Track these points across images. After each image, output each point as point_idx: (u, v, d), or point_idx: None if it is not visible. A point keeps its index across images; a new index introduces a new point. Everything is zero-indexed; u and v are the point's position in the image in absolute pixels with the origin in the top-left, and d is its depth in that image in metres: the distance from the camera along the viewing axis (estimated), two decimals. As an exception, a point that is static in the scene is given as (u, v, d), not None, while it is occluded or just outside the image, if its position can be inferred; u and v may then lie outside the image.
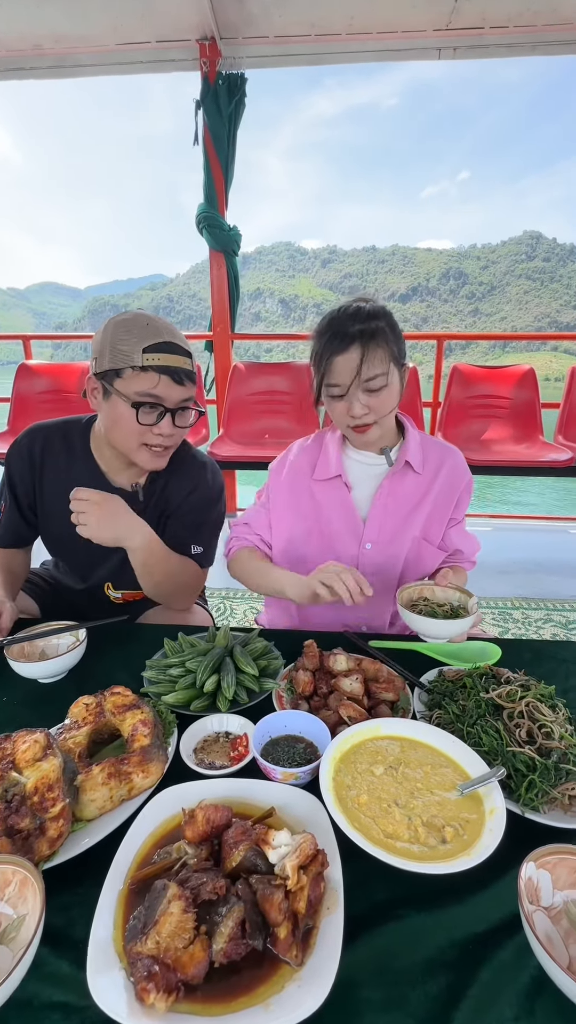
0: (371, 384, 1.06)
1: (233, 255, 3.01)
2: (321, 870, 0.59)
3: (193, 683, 0.93)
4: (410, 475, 1.20)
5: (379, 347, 1.05)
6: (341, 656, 0.93)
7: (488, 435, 3.04)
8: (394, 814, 0.65)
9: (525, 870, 0.57)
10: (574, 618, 2.37)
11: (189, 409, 1.16)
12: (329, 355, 1.07)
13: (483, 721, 0.79)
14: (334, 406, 1.12)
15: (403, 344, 1.11)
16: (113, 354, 1.07)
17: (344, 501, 1.22)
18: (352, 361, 1.05)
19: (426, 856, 0.60)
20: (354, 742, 0.77)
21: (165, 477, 1.28)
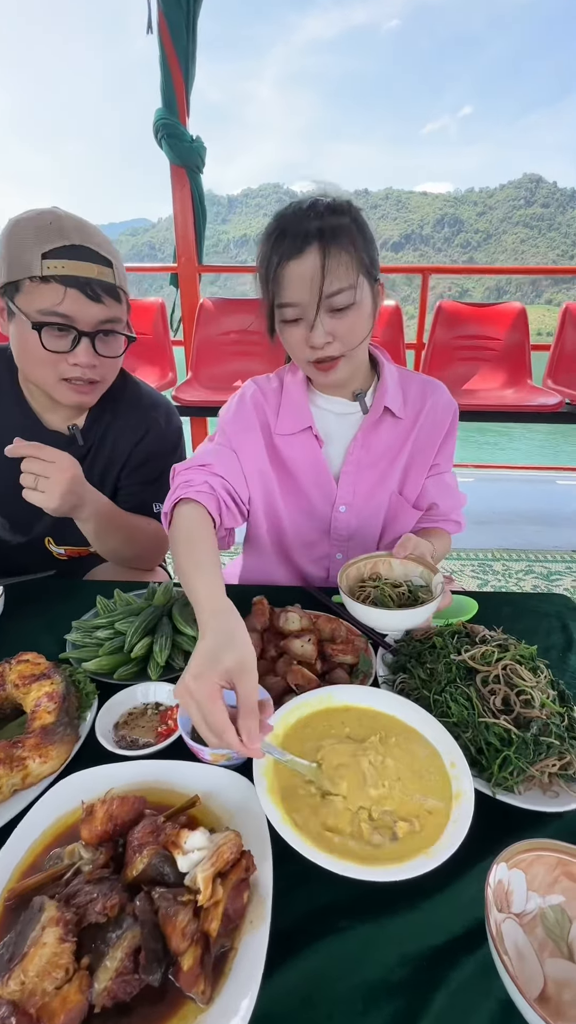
0: (335, 301, 0.83)
1: (197, 172, 2.67)
2: (245, 876, 0.48)
3: (121, 647, 0.79)
4: (388, 421, 1.01)
5: (343, 251, 0.82)
6: (293, 613, 0.80)
7: (475, 379, 2.87)
8: (335, 803, 0.54)
9: (494, 873, 0.46)
10: (556, 569, 2.30)
11: (114, 334, 0.96)
12: (279, 263, 0.83)
13: (453, 687, 0.67)
14: (290, 334, 0.89)
15: (375, 252, 0.89)
16: (11, 262, 0.86)
17: (314, 459, 1.02)
18: (309, 269, 0.81)
19: (370, 857, 0.49)
20: (300, 715, 0.65)
21: (108, 418, 1.09)
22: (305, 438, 1.01)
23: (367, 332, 0.89)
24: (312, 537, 1.08)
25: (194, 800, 0.56)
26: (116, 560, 1.15)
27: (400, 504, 1.05)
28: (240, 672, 0.55)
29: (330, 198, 0.85)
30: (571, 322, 2.93)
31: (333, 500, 1.03)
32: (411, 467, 1.04)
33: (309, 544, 1.09)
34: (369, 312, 0.89)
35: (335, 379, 0.92)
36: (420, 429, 1.02)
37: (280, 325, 0.90)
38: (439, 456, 1.06)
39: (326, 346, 0.86)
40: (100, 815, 0.51)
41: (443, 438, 1.05)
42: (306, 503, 1.05)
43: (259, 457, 1.02)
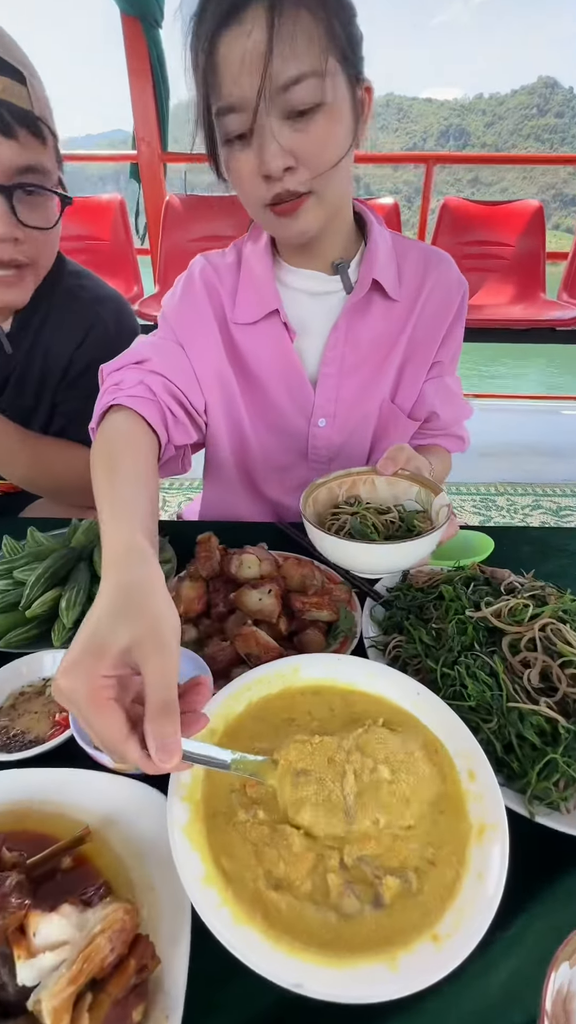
0: (294, 96, 0.55)
1: (155, 25, 2.16)
2: (139, 983, 0.29)
3: (17, 602, 0.59)
4: (378, 304, 0.76)
5: (303, 14, 0.53)
6: (250, 555, 0.59)
7: (480, 293, 2.53)
8: (292, 842, 0.34)
9: (555, 978, 0.27)
10: (566, 504, 2.10)
11: (40, 191, 0.68)
12: (210, 35, 0.55)
13: (470, 656, 0.47)
14: (236, 164, 0.61)
15: (355, 27, 0.60)
16: None
17: (284, 356, 0.77)
18: (252, 43, 0.53)
19: (337, 939, 0.30)
20: (252, 698, 0.45)
21: (42, 315, 0.83)
22: (271, 328, 0.76)
23: (343, 152, 0.61)
24: (285, 460, 0.85)
25: (83, 835, 0.37)
26: (42, 494, 0.94)
27: (393, 414, 0.82)
28: (143, 651, 0.33)
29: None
30: (593, 225, 2.56)
31: (310, 411, 0.80)
32: (408, 365, 0.80)
33: (281, 469, 0.86)
34: (347, 122, 0.61)
35: (303, 225, 0.64)
36: (420, 314, 0.77)
37: (224, 152, 0.62)
38: (443, 351, 0.81)
39: (285, 174, 0.59)
40: None
41: (449, 327, 0.79)
42: (275, 415, 0.81)
43: (215, 354, 0.77)
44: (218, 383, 0.78)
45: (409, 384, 0.81)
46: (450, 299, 0.78)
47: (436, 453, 0.88)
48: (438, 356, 0.81)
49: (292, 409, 0.80)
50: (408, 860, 0.34)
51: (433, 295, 0.77)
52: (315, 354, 0.78)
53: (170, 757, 0.32)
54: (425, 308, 0.77)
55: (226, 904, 0.31)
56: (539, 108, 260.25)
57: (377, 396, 0.80)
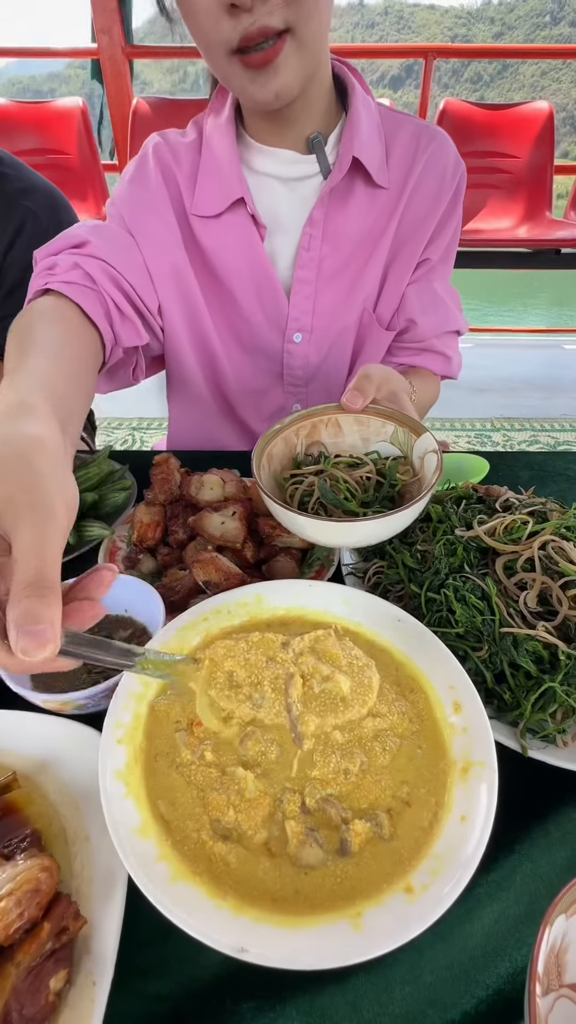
0: None
1: None
2: (58, 946, 0.25)
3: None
4: (362, 189, 0.64)
5: None
6: (213, 477, 0.52)
7: (482, 213, 2.33)
8: (246, 785, 0.29)
9: (549, 934, 0.23)
10: (565, 439, 2.02)
11: None
12: None
13: (458, 578, 0.41)
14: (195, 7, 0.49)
15: None
16: None
17: (252, 254, 0.66)
18: None
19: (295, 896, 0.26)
20: (210, 629, 0.39)
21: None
22: (236, 222, 0.64)
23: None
24: (259, 382, 0.76)
25: (8, 781, 0.32)
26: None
27: (370, 326, 0.71)
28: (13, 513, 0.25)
29: None
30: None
31: (283, 324, 0.70)
32: (393, 264, 0.68)
33: (256, 393, 0.77)
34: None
35: (282, 82, 0.52)
36: (409, 202, 0.66)
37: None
38: (432, 247, 0.69)
39: (255, 2, 0.47)
40: None
41: (441, 217, 0.67)
42: (246, 329, 0.71)
43: (171, 246, 0.65)
44: (175, 282, 0.67)
45: (393, 288, 0.70)
46: (444, 183, 0.66)
47: (419, 374, 0.75)
48: (426, 253, 0.69)
49: (264, 322, 0.70)
50: (380, 801, 0.29)
51: (424, 179, 0.65)
52: (289, 255, 0.67)
53: (38, 647, 0.23)
54: (415, 194, 0.66)
55: (164, 859, 0.27)
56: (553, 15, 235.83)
57: (359, 305, 0.70)
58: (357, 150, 0.61)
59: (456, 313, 0.75)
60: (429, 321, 0.72)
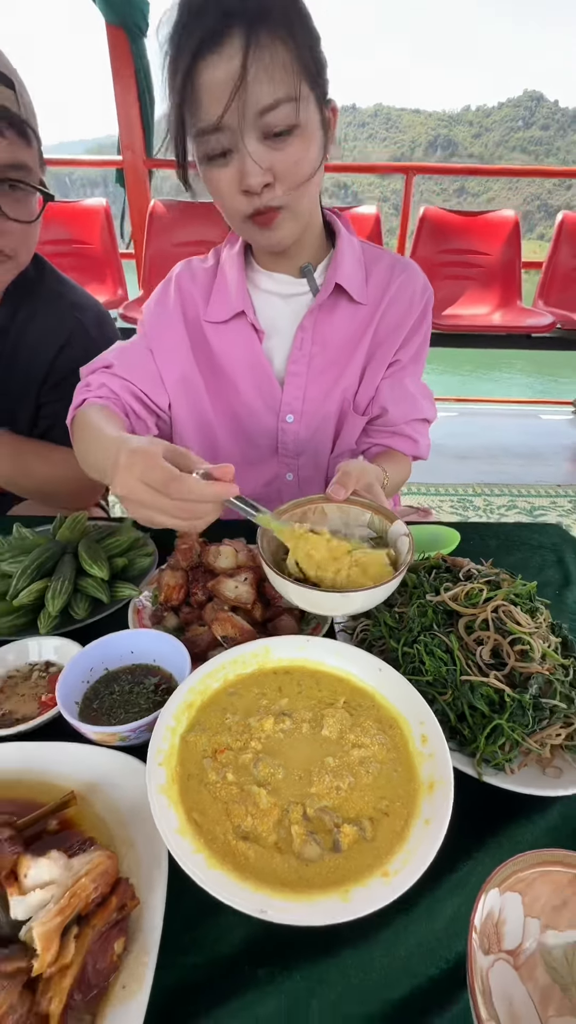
0: (271, 120, 0.60)
1: (139, 34, 2.20)
2: (120, 919, 0.33)
3: (4, 594, 0.61)
4: (344, 306, 0.80)
5: (278, 42, 0.57)
6: (227, 547, 0.62)
7: (461, 300, 2.60)
8: (260, 799, 0.38)
9: (483, 904, 0.31)
10: (540, 504, 2.17)
11: (23, 187, 0.72)
12: (190, 61, 0.58)
13: (428, 636, 0.51)
14: (215, 178, 0.65)
15: (321, 52, 0.64)
16: None
17: (252, 353, 0.81)
18: (231, 69, 0.57)
19: (300, 879, 0.34)
20: (227, 676, 0.49)
21: (23, 319, 0.87)
22: (240, 328, 0.81)
23: (316, 168, 0.66)
24: (257, 455, 0.89)
25: (68, 798, 0.41)
26: (25, 495, 0.96)
27: (349, 414, 0.85)
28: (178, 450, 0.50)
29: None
30: (567, 237, 2.65)
31: (277, 408, 0.84)
32: (369, 365, 0.84)
33: (254, 463, 0.90)
34: (318, 140, 0.65)
35: (280, 237, 0.69)
36: (383, 316, 0.81)
37: (203, 168, 0.66)
38: (403, 351, 0.84)
39: (264, 190, 0.64)
40: None
41: (411, 328, 0.83)
42: (246, 412, 0.85)
43: (181, 354, 0.82)
44: (183, 383, 0.83)
45: (369, 382, 0.84)
46: (413, 302, 0.82)
47: (392, 458, 0.87)
48: (397, 355, 0.84)
49: (261, 406, 0.84)
50: (364, 811, 0.38)
51: (397, 298, 0.81)
52: (283, 353, 0.83)
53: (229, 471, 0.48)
54: (389, 310, 0.81)
55: (199, 852, 0.35)
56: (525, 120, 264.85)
57: (340, 394, 0.84)
58: (340, 278, 0.78)
59: (424, 404, 0.89)
60: (399, 410, 0.86)
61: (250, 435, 0.87)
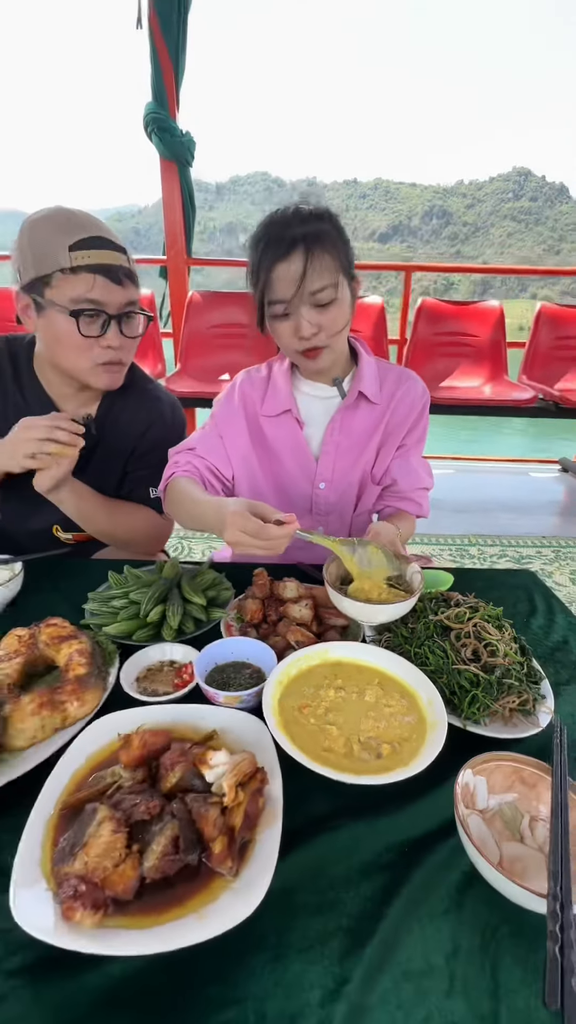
0: (319, 297, 0.94)
1: (187, 165, 2.71)
2: (260, 787, 0.58)
3: (137, 614, 0.89)
4: (364, 406, 1.12)
5: (325, 253, 0.92)
6: (291, 583, 0.90)
7: (454, 374, 2.99)
8: (332, 732, 0.64)
9: (462, 777, 0.57)
10: (527, 553, 2.45)
11: (135, 315, 1.05)
12: (268, 265, 0.94)
13: (431, 642, 0.78)
14: (279, 327, 1.00)
15: (352, 252, 1.00)
16: (37, 259, 0.94)
17: (295, 438, 1.13)
18: (295, 270, 0.91)
19: (360, 770, 0.60)
20: (301, 667, 0.75)
21: (118, 409, 1.18)
22: (287, 420, 1.13)
23: (347, 322, 1.01)
24: (296, 513, 1.19)
25: (212, 734, 0.66)
26: (113, 543, 1.23)
27: (367, 483, 1.17)
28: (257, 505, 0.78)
29: (311, 205, 0.96)
30: (545, 322, 3.07)
31: (313, 477, 1.15)
32: (382, 447, 1.15)
33: None
34: (348, 305, 1.01)
35: (320, 365, 1.04)
36: (393, 413, 1.14)
37: (271, 320, 1.01)
38: (407, 438, 1.16)
39: (312, 336, 0.97)
40: (136, 742, 0.60)
41: (413, 422, 1.15)
42: (288, 480, 1.17)
43: (243, 439, 1.14)
44: (243, 462, 1.15)
45: (382, 461, 1.16)
46: (415, 403, 1.15)
47: (402, 518, 1.17)
48: (404, 440, 1.16)
49: (300, 476, 1.16)
50: (394, 738, 0.64)
51: (403, 399, 1.14)
52: (317, 438, 1.15)
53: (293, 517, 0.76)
54: (397, 408, 1.14)
55: (304, 755, 0.61)
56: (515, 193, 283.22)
57: (361, 469, 1.16)
58: (362, 387, 1.10)
59: (425, 476, 1.21)
60: (406, 481, 1.18)
61: (291, 498, 1.17)
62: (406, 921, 0.49)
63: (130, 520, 1.20)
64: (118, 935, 0.47)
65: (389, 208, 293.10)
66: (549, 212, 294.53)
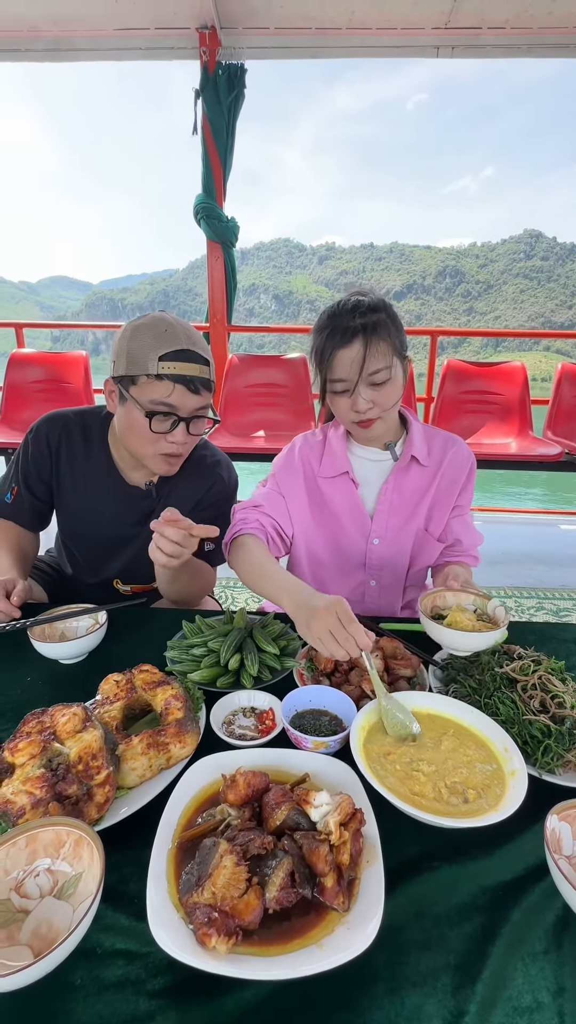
0: (375, 378, 1.06)
1: (231, 246, 3.01)
2: (359, 827, 0.63)
3: (217, 662, 0.96)
4: (415, 468, 1.22)
5: (382, 340, 1.05)
6: (361, 635, 0.96)
7: (481, 431, 3.11)
8: (419, 777, 0.69)
9: (550, 822, 0.61)
10: (564, 606, 2.46)
11: (204, 417, 1.17)
12: (332, 350, 1.07)
13: (499, 693, 0.83)
14: (338, 402, 1.12)
15: (404, 336, 1.13)
16: (129, 360, 1.07)
17: (351, 498, 1.23)
18: (355, 356, 1.04)
19: (450, 813, 0.64)
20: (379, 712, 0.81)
21: (177, 476, 1.29)
22: (343, 481, 1.24)
23: (399, 398, 1.13)
24: (349, 567, 1.27)
25: (305, 776, 0.72)
26: (176, 599, 1.31)
27: (425, 538, 1.25)
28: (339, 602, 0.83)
29: (368, 298, 1.10)
30: (567, 380, 3.21)
31: (368, 534, 1.24)
32: (435, 507, 1.25)
33: (346, 572, 1.28)
34: (401, 382, 1.13)
35: (373, 435, 1.16)
36: (443, 476, 1.23)
37: (331, 396, 1.14)
38: (460, 499, 1.26)
39: (367, 411, 1.09)
40: (241, 782, 0.66)
41: (463, 484, 1.25)
42: (344, 536, 1.25)
43: (302, 499, 1.25)
44: (301, 520, 1.25)
45: (437, 519, 1.25)
46: (463, 466, 1.25)
47: (466, 567, 1.27)
48: (458, 501, 1.26)
49: (356, 532, 1.25)
50: (477, 785, 0.69)
51: (452, 463, 1.24)
52: (372, 497, 1.25)
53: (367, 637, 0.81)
54: (446, 471, 1.24)
55: (397, 798, 0.66)
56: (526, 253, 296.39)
57: (414, 526, 1.24)
58: (413, 451, 1.21)
59: (477, 532, 1.31)
60: (466, 539, 1.27)
61: (345, 553, 1.26)
62: (510, 960, 0.53)
63: (199, 578, 1.28)
64: (249, 961, 0.51)
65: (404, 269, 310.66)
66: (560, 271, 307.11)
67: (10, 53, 2.94)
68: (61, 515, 1.33)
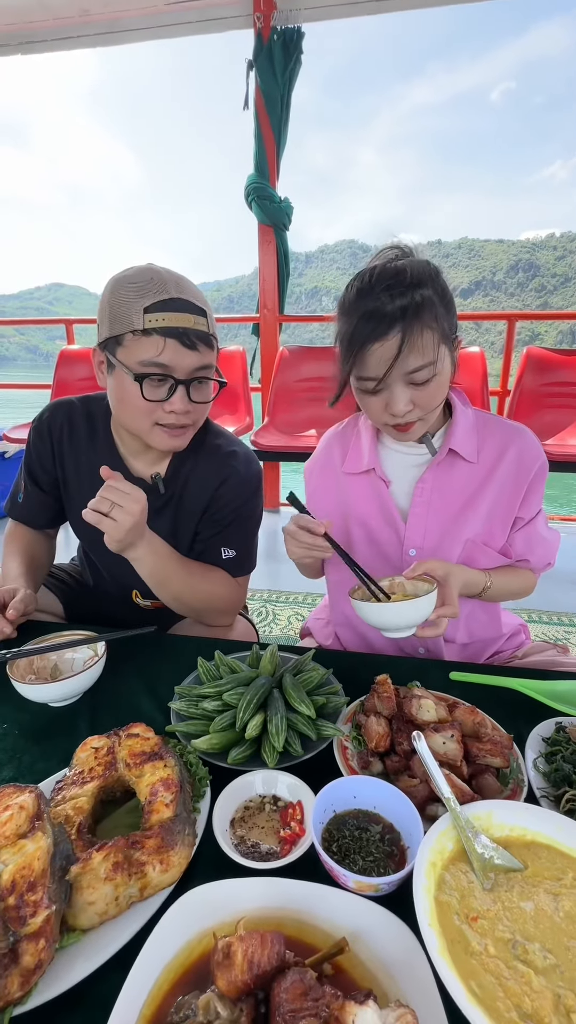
0: (416, 376, 0.80)
1: (283, 229, 2.78)
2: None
3: (232, 723, 0.72)
4: (460, 464, 0.94)
5: (426, 328, 0.77)
6: (427, 700, 0.70)
7: (567, 428, 2.70)
8: (531, 979, 0.42)
9: None
10: None
11: (207, 380, 0.95)
12: (361, 342, 0.80)
13: None
14: (369, 402, 0.86)
15: (455, 314, 0.84)
16: (113, 318, 0.87)
17: (380, 497, 0.99)
18: (390, 350, 0.78)
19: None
20: (457, 838, 0.54)
21: (190, 466, 1.08)
22: (370, 478, 1.00)
23: (446, 393, 0.87)
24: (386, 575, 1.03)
25: (342, 946, 0.46)
26: (186, 612, 1.09)
27: (480, 550, 0.96)
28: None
29: (410, 266, 0.80)
30: None
31: (402, 540, 0.98)
32: (493, 516, 0.95)
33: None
34: (448, 376, 0.86)
35: (412, 437, 0.91)
36: (502, 477, 0.94)
37: (359, 393, 0.88)
38: (523, 509, 0.95)
39: (406, 413, 0.84)
40: (240, 960, 0.42)
41: (527, 489, 0.94)
42: (376, 544, 1.01)
43: (330, 496, 1.06)
44: (336, 524, 1.03)
45: (498, 531, 0.96)
46: (529, 465, 0.94)
47: (516, 572, 0.99)
48: (520, 512, 0.95)
49: (389, 538, 1.00)
50: None
51: (514, 463, 0.93)
52: (405, 497, 0.99)
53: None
54: (506, 472, 0.93)
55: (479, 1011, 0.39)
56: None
57: (461, 534, 0.95)
58: (453, 444, 0.92)
59: (551, 534, 1.01)
60: (536, 555, 0.98)
61: (380, 563, 1.02)
62: None
63: (205, 583, 1.05)
64: None
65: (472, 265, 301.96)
66: None
67: (65, 41, 2.88)
68: (72, 514, 1.15)
